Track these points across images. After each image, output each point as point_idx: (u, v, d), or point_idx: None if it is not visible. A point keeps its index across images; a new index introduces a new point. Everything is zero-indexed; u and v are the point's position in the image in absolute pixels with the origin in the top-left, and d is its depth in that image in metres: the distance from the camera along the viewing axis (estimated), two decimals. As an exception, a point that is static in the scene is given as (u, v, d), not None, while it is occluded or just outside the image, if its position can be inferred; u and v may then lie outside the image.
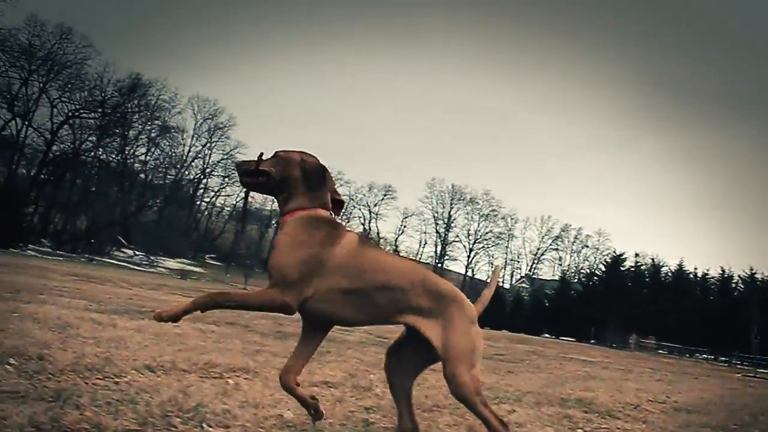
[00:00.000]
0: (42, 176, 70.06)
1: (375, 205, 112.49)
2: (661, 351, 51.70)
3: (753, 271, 55.79)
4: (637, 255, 61.37)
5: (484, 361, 9.82)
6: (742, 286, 57.31)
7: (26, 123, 67.07)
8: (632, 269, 60.96)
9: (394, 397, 3.46)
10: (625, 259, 61.58)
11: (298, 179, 3.37)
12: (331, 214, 3.39)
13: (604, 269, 62.97)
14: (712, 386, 14.05)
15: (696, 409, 7.34)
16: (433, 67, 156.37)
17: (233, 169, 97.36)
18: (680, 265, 59.79)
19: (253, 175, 3.42)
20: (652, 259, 60.77)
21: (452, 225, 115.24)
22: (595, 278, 63.18)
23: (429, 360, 3.38)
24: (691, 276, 59.48)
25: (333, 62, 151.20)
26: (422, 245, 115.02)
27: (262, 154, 3.44)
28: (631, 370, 15.91)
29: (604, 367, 16.19)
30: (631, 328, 52.61)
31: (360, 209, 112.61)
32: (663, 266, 60.29)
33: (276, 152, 3.47)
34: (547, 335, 55.89)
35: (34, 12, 65.88)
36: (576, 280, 72.18)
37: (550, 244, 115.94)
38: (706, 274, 59.21)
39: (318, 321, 3.29)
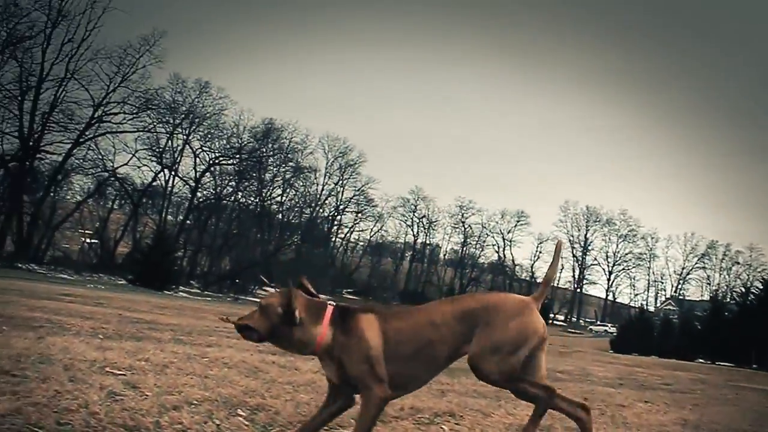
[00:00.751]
0: (188, 222, 74.46)
1: (508, 232, 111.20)
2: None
3: None
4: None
5: (664, 394, 9.51)
6: None
7: (173, 173, 71.88)
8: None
9: None
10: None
11: (284, 322, 3.57)
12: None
13: (761, 286, 58.66)
14: None
15: None
16: (558, 87, 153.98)
17: (366, 204, 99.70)
18: None
19: (246, 330, 3.60)
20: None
21: (589, 248, 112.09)
22: (752, 296, 58.92)
23: None
24: None
25: (457, 90, 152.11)
26: (559, 271, 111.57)
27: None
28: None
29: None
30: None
31: (493, 237, 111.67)
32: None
33: (259, 303, 3.68)
34: (701, 360, 52.74)
35: (177, 71, 71.04)
36: (729, 300, 67.77)
37: (696, 263, 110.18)
38: None
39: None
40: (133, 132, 65.57)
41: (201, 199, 74.78)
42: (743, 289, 65.25)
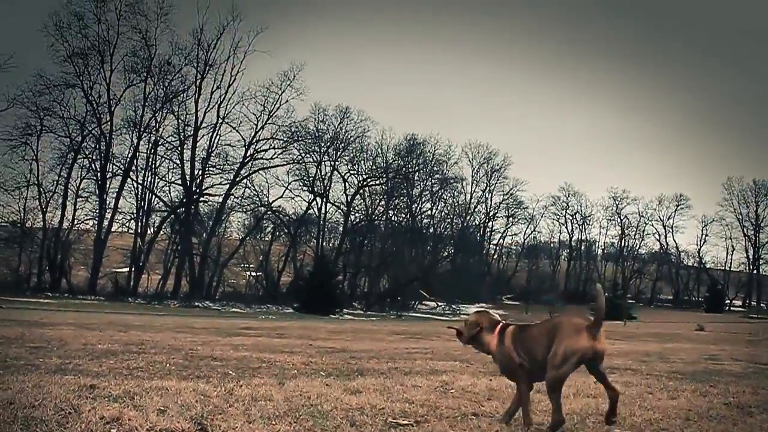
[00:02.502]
0: (344, 245, 76.39)
1: (668, 218, 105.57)
2: None
3: None
4: None
5: None
6: None
7: (325, 200, 74.10)
8: None
9: None
10: None
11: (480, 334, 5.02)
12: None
13: None
14: None
15: None
16: (701, 58, 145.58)
17: (516, 207, 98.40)
18: None
19: (458, 334, 5.20)
20: None
21: (762, 224, 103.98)
22: None
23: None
24: None
25: (590, 81, 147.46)
26: (730, 252, 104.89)
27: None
28: None
29: None
30: None
31: (653, 225, 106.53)
32: None
33: (467, 318, 5.26)
34: None
35: (317, 100, 73.51)
36: None
37: None
38: None
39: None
40: (283, 165, 68.91)
41: (354, 222, 76.54)
42: None
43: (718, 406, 5.78)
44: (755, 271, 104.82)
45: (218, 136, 63.47)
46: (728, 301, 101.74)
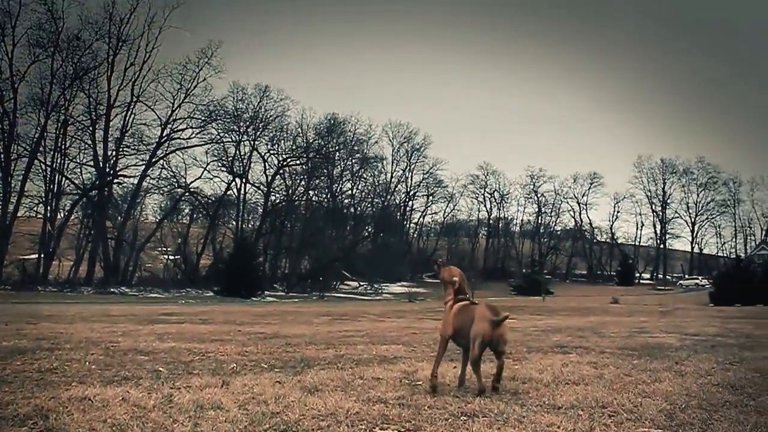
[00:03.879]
0: (264, 227, 75.03)
1: (583, 195, 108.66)
2: None
3: None
4: None
5: None
6: None
7: (244, 181, 72.50)
8: None
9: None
10: None
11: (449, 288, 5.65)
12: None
13: None
14: None
15: None
16: (620, 39, 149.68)
17: (435, 186, 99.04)
18: None
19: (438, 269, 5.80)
20: None
21: (669, 201, 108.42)
22: None
23: None
24: None
25: (513, 62, 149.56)
26: (639, 228, 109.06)
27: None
28: None
29: None
30: None
31: (568, 202, 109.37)
32: None
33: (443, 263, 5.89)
34: (809, 303, 50.17)
35: (236, 79, 71.54)
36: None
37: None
38: None
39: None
40: (202, 145, 66.60)
41: (274, 203, 75.26)
42: None
43: (709, 387, 5.51)
44: (662, 246, 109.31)
45: (132, 115, 60.70)
46: (638, 275, 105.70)
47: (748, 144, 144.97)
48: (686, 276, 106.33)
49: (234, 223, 75.32)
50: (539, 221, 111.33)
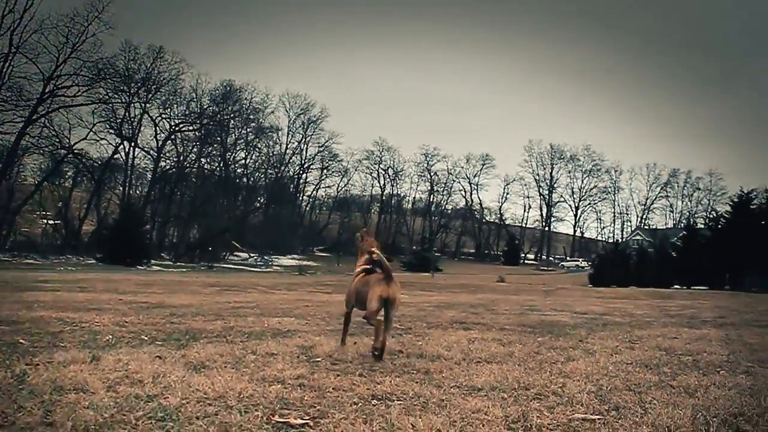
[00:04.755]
0: (153, 193, 72.56)
1: (475, 176, 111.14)
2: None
3: None
4: (767, 191, 57.36)
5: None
6: None
7: (133, 145, 69.55)
8: (764, 206, 56.89)
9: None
10: (754, 197, 57.64)
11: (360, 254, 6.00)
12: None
13: (731, 210, 59.21)
14: None
15: None
16: (516, 29, 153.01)
17: (330, 160, 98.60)
18: (815, 195, 55.47)
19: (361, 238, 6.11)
20: (782, 192, 56.57)
21: (555, 185, 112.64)
22: (723, 221, 59.46)
23: None
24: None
25: (414, 40, 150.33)
26: (527, 210, 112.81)
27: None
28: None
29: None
30: (770, 269, 49.26)
31: (460, 182, 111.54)
32: (796, 198, 55.93)
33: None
34: (677, 287, 53.32)
35: (128, 37, 68.25)
36: (703, 225, 68.52)
37: (659, 192, 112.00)
38: None
39: None
40: (88, 104, 62.94)
41: (164, 169, 72.82)
42: (714, 214, 65.89)
43: (624, 366, 5.37)
44: (547, 228, 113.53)
45: (11, 67, 56.45)
46: (523, 255, 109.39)
47: (630, 134, 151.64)
48: (568, 258, 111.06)
49: (121, 188, 72.22)
50: (431, 199, 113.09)
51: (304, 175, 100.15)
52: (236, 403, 3.56)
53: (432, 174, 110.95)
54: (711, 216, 67.44)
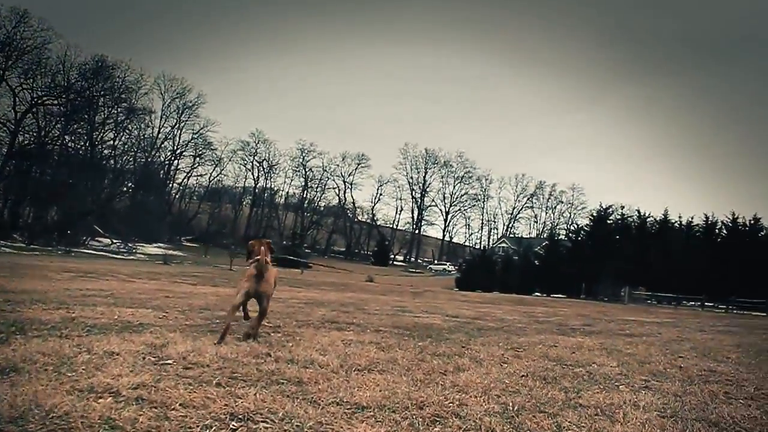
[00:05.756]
0: (8, 169, 67.66)
1: (349, 175, 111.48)
2: (650, 302, 51.71)
3: (735, 216, 55.99)
4: (623, 207, 61.04)
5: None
6: (726, 232, 57.20)
7: (-13, 115, 64.51)
8: (619, 221, 60.53)
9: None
10: (611, 213, 61.22)
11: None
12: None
13: (591, 223, 62.59)
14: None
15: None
16: (401, 33, 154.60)
17: (204, 148, 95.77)
18: (665, 215, 59.48)
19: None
20: (638, 210, 60.33)
21: (428, 190, 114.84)
22: (583, 233, 62.75)
23: None
24: (677, 225, 59.24)
25: (297, 34, 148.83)
26: (398, 212, 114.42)
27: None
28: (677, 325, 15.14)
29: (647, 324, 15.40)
30: (621, 280, 52.33)
31: (334, 180, 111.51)
32: (649, 217, 59.84)
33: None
34: (537, 294, 55.61)
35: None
36: (564, 237, 71.90)
37: (526, 203, 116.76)
38: (691, 222, 59.05)
39: None
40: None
41: (22, 144, 67.94)
42: (576, 227, 69.29)
43: (523, 380, 5.03)
44: (417, 231, 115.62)
45: None
46: (393, 256, 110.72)
47: (501, 145, 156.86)
48: (436, 261, 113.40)
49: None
50: (305, 195, 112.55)
51: (175, 162, 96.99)
52: (38, 426, 2.67)
53: (307, 170, 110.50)
54: (572, 228, 71.20)
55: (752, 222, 55.90)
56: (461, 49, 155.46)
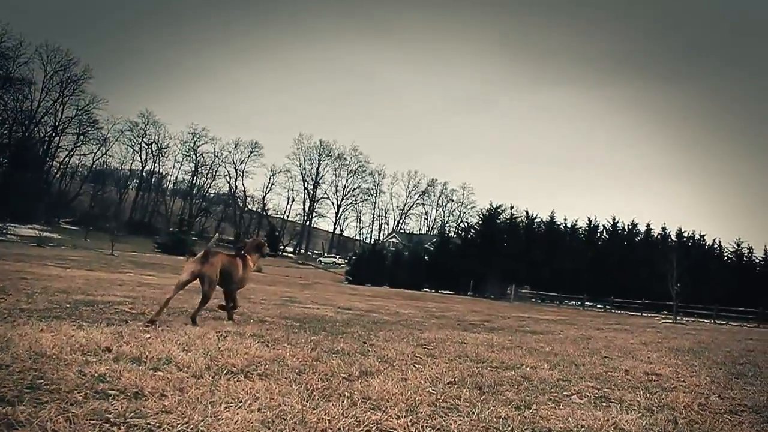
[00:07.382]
0: None
1: (241, 163, 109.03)
2: (535, 300, 53.17)
3: (615, 221, 58.76)
4: (512, 207, 62.55)
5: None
6: (606, 235, 59.80)
7: None
8: (508, 221, 61.97)
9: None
10: (501, 212, 62.55)
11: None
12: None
13: (480, 222, 63.75)
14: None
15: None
16: (300, 25, 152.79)
17: (89, 126, 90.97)
18: (551, 217, 61.42)
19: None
20: (526, 211, 62.02)
21: (320, 182, 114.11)
22: (472, 231, 63.82)
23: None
24: (562, 227, 61.28)
25: (196, 13, 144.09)
26: (290, 203, 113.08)
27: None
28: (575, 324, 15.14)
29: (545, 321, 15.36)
30: (508, 279, 53.47)
31: (225, 167, 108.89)
32: (536, 218, 61.65)
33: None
34: (426, 289, 56.07)
35: None
36: (453, 234, 72.92)
37: (417, 199, 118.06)
38: (575, 225, 61.24)
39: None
40: None
41: None
42: (466, 225, 70.38)
43: (451, 389, 4.34)
44: (308, 223, 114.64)
45: None
46: (282, 247, 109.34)
47: (395, 141, 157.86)
48: (326, 254, 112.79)
49: None
50: (194, 181, 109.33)
51: (56, 139, 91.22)
52: None
53: (198, 155, 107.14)
54: (462, 226, 72.33)
55: (630, 227, 58.91)
56: (357, 43, 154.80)
